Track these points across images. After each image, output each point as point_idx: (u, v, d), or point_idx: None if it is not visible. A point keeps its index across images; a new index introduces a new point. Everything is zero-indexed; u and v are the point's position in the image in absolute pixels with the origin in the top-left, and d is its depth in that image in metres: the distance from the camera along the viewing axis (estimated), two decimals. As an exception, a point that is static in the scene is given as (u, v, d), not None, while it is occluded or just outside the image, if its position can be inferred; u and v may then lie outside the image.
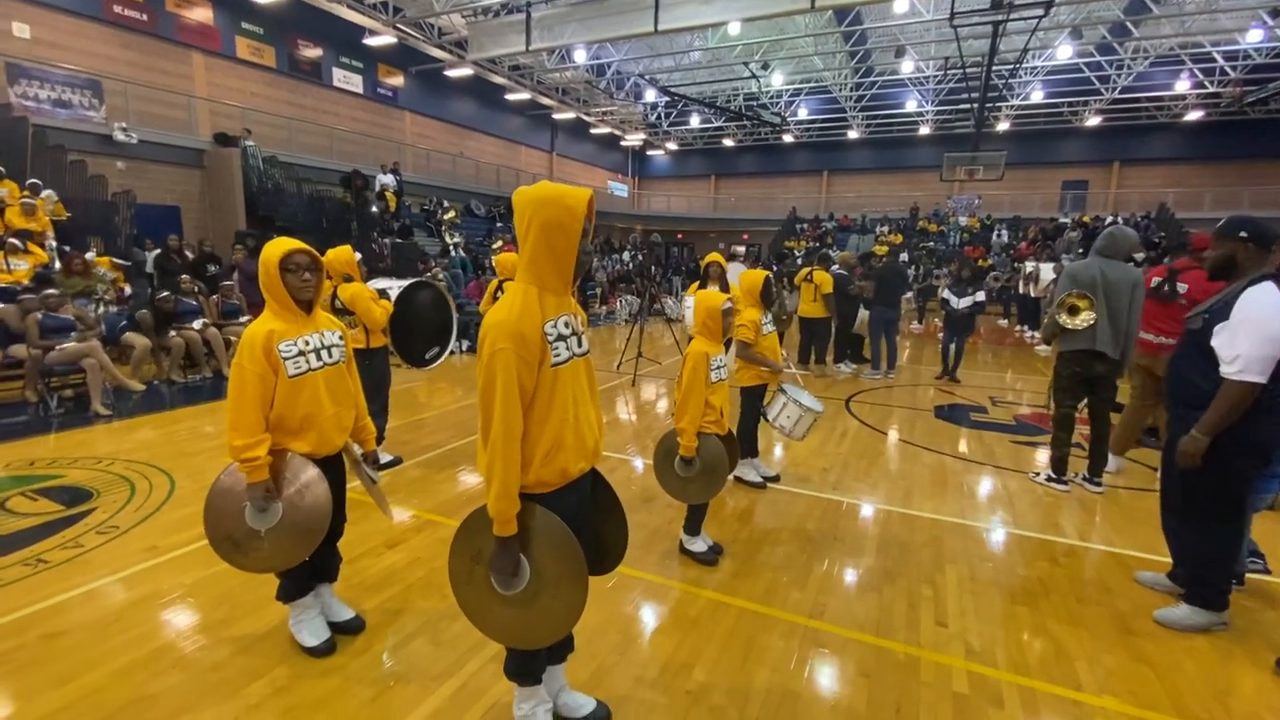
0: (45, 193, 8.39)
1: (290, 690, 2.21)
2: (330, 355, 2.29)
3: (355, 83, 17.70)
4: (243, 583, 2.84)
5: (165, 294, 7.11)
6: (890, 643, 2.55)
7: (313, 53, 16.34)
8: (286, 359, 2.14)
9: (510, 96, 22.16)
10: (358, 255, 4.28)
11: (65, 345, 5.56)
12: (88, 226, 8.73)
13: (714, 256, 5.12)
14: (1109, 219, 21.71)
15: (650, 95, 24.72)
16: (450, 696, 2.19)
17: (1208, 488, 2.62)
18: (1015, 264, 16.49)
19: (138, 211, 10.09)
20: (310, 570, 2.44)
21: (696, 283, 5.33)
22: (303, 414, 2.19)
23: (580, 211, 1.63)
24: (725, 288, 5.01)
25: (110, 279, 7.81)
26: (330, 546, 2.50)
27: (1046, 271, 11.67)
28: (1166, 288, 4.06)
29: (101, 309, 7.01)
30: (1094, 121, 23.53)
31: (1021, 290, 13.05)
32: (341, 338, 2.37)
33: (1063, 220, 22.02)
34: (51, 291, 5.84)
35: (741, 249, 26.24)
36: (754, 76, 20.99)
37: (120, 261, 8.45)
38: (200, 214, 12.63)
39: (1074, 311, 3.96)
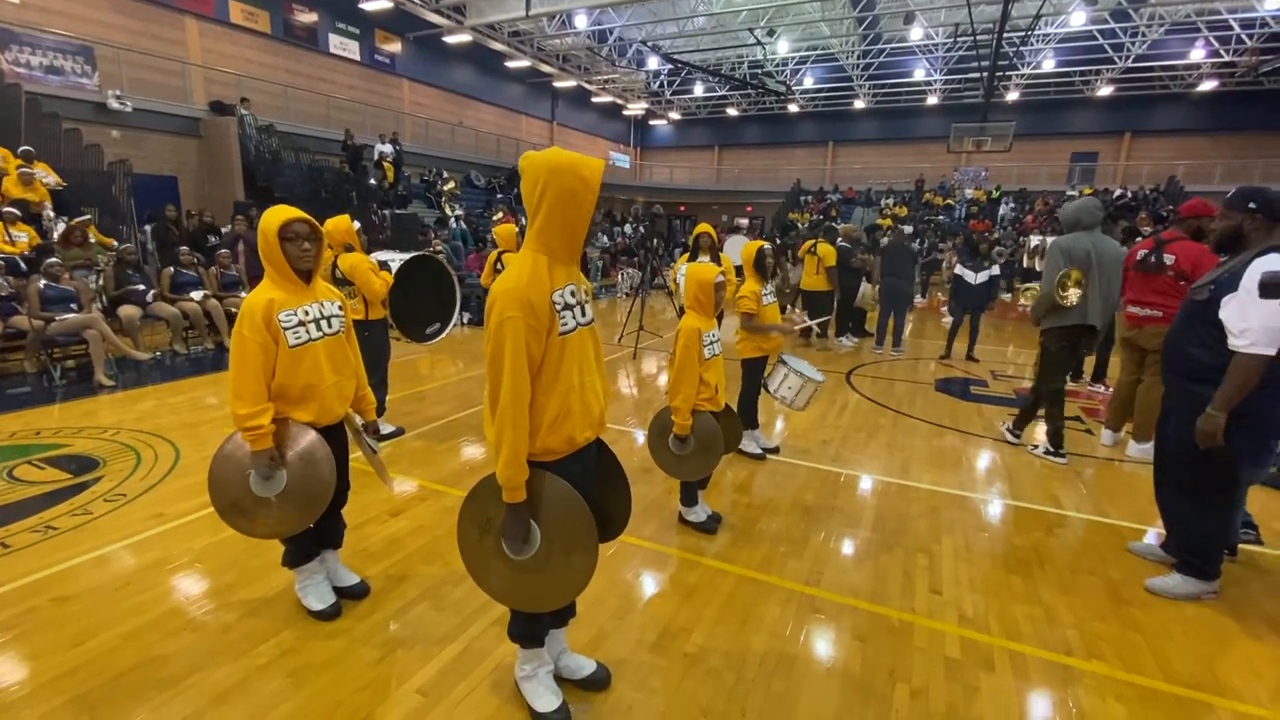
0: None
1: (298, 651, 2.26)
2: (330, 325, 2.29)
3: (352, 49, 17.34)
4: (249, 548, 2.89)
5: (127, 245, 7.17)
6: (885, 609, 2.60)
7: (308, 18, 15.98)
8: (287, 329, 2.15)
9: (510, 64, 21.72)
10: (356, 224, 4.25)
11: (66, 316, 5.56)
12: (85, 197, 8.65)
13: (704, 227, 5.07)
14: (1116, 192, 21.45)
15: (653, 63, 24.24)
16: (454, 658, 2.24)
17: (1206, 462, 2.63)
18: (1020, 237, 16.33)
19: (135, 182, 9.98)
20: (315, 537, 2.48)
21: (687, 254, 5.29)
22: (304, 383, 2.20)
23: (595, 182, 1.62)
24: (716, 259, 4.98)
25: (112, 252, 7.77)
26: (334, 513, 2.54)
27: (1052, 245, 11.59)
28: (1154, 259, 4.03)
29: (100, 281, 6.98)
30: (1105, 91, 23.06)
31: (1026, 264, 12.98)
32: (341, 308, 2.37)
33: (1070, 193, 21.75)
34: (53, 260, 5.82)
35: (745, 221, 26.03)
36: (759, 44, 20.53)
37: (111, 245, 8.36)
38: (198, 184, 12.50)
39: (1063, 287, 3.98)
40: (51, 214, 7.87)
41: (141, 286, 6.94)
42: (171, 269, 7.26)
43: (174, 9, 13.03)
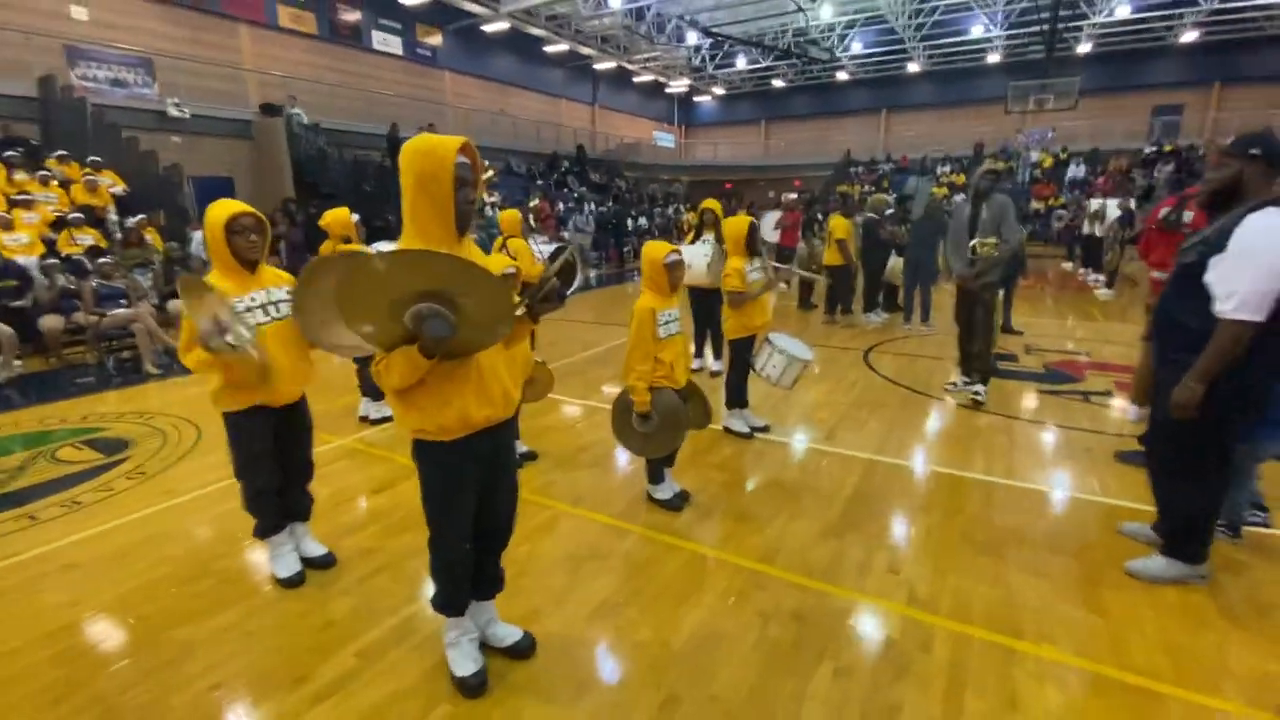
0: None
1: (259, 615, 2.44)
2: (278, 310, 2.43)
3: (394, 44, 17.84)
4: (241, 523, 3.08)
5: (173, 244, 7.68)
6: (833, 588, 2.56)
7: (351, 16, 16.53)
8: (232, 316, 2.28)
9: (549, 49, 21.81)
10: (355, 217, 4.41)
11: (116, 311, 6.06)
12: (145, 200, 9.32)
13: (710, 203, 4.98)
14: (1202, 149, 19.61)
15: (692, 38, 23.74)
16: (396, 625, 2.36)
17: (1193, 437, 2.43)
18: (1082, 202, 15.21)
19: (193, 184, 10.69)
20: (283, 510, 2.66)
21: (692, 232, 5.21)
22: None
23: (449, 161, 1.64)
24: (720, 238, 4.89)
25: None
26: (300, 488, 2.71)
27: (1112, 209, 10.78)
28: (1174, 216, 3.66)
29: (156, 280, 7.54)
30: (1190, 37, 20.98)
31: (1086, 230, 12.11)
32: (289, 293, 2.49)
33: (1149, 150, 20.05)
34: (104, 260, 6.34)
35: (794, 195, 25.30)
36: (801, 10, 19.77)
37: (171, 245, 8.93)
38: (252, 184, 13.23)
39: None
40: (115, 218, 8.56)
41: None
42: (216, 264, 7.75)
43: (227, 17, 13.75)
